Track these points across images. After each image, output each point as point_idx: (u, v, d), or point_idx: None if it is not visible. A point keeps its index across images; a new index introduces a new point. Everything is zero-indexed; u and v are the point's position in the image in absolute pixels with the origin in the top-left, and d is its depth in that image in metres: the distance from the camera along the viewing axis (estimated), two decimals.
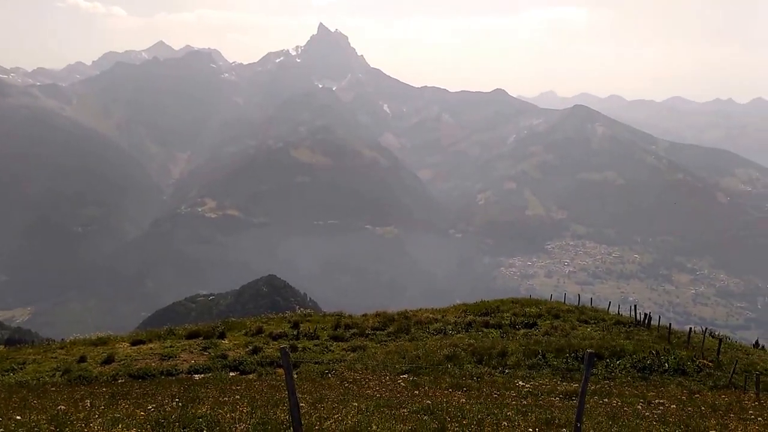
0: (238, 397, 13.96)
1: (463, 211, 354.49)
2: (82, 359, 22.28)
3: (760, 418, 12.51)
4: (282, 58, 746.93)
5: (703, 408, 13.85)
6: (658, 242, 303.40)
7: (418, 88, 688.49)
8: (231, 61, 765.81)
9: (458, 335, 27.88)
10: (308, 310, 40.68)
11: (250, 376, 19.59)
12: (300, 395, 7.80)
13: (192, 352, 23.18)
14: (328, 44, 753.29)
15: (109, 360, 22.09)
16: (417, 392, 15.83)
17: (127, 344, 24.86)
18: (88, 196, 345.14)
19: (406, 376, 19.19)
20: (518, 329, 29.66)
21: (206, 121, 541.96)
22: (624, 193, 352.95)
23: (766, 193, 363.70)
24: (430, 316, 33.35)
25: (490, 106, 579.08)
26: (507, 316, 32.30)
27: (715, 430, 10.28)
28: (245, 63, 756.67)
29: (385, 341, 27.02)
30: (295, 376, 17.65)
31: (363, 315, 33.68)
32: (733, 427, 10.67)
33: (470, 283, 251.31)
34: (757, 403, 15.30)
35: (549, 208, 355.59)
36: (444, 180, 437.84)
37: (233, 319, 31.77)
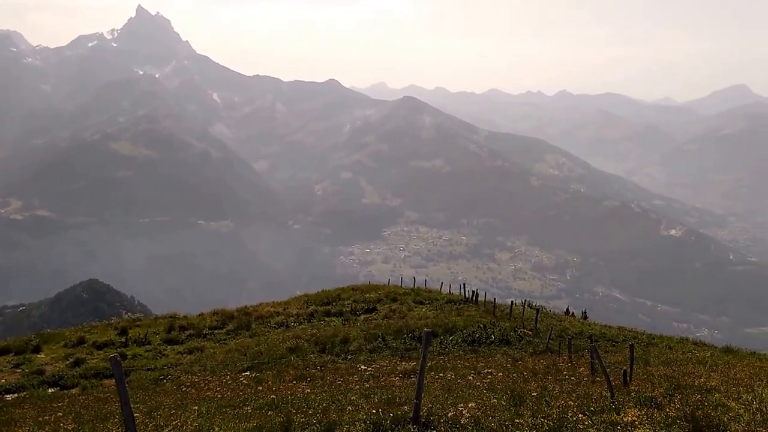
0: (61, 414, 12.78)
1: (302, 201, 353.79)
2: None
3: (572, 377, 14.04)
4: (95, 42, 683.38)
5: (525, 373, 15.21)
6: (481, 224, 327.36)
7: (250, 76, 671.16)
8: (35, 45, 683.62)
9: (301, 326, 27.84)
10: (137, 315, 38.09)
11: (73, 391, 17.80)
12: (132, 405, 7.19)
13: (2, 371, 20.54)
14: (149, 28, 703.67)
15: None
16: (260, 388, 15.49)
17: None
18: None
19: (248, 373, 18.70)
20: (359, 315, 30.34)
21: (7, 112, 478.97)
22: (451, 179, 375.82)
23: (571, 176, 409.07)
24: (272, 309, 32.92)
25: (324, 96, 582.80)
26: (348, 304, 32.91)
27: (536, 392, 11.29)
28: (52, 47, 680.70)
29: (225, 340, 26.21)
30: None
31: (199, 315, 32.29)
32: (551, 388, 11.81)
33: (311, 273, 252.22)
34: (570, 364, 17.12)
35: (384, 196, 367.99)
36: (281, 171, 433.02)
37: (50, 330, 28.61)
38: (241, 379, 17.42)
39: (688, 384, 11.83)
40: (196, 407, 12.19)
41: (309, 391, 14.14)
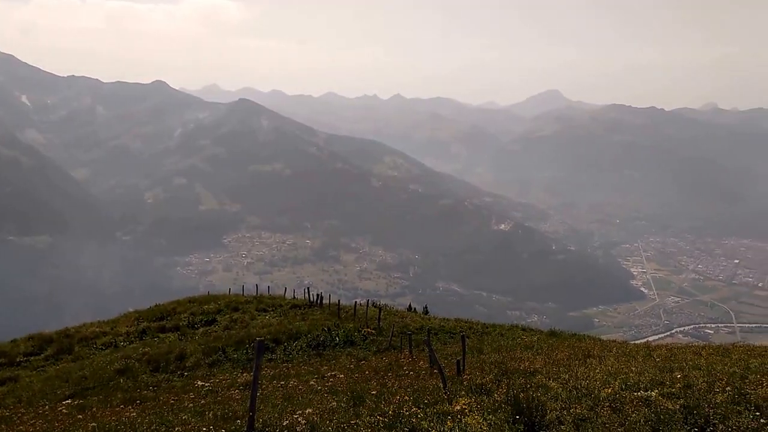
0: None
1: (130, 211, 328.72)
2: None
3: (411, 372, 14.47)
4: None
5: (367, 372, 15.39)
6: (325, 226, 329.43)
7: (64, 77, 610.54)
8: None
9: (132, 345, 26.19)
10: None
11: None
12: None
13: None
14: None
15: None
16: (81, 416, 14.11)
17: None
18: None
19: (70, 401, 17.07)
20: (197, 328, 29.12)
21: None
22: (292, 183, 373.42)
23: (409, 176, 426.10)
24: (98, 330, 30.47)
25: (151, 98, 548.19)
26: (184, 317, 31.42)
27: (375, 390, 11.42)
28: None
29: (44, 366, 23.86)
30: None
31: (11, 341, 29.07)
32: (390, 385, 12.03)
33: (145, 288, 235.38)
34: (411, 359, 17.67)
35: (223, 201, 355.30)
36: (105, 178, 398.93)
37: None
38: (60, 409, 15.91)
39: (515, 368, 12.68)
40: None
41: (135, 414, 13.08)
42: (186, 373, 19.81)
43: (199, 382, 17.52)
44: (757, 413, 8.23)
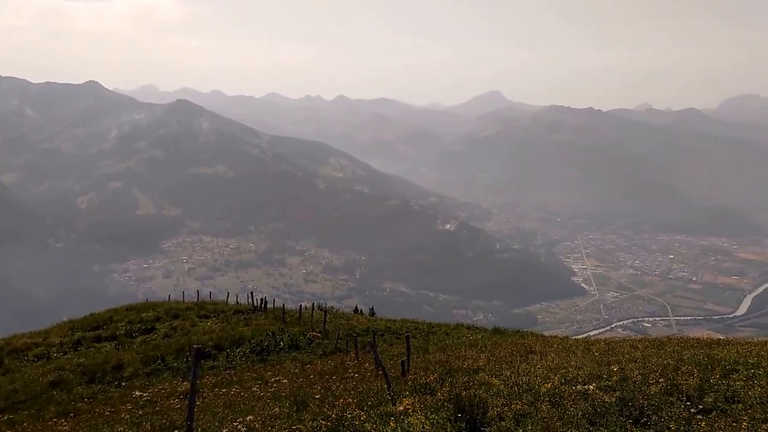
0: None
1: (63, 216, 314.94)
2: None
3: (357, 375, 14.39)
4: None
5: (312, 376, 15.22)
6: (270, 230, 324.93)
7: None
8: None
9: (66, 356, 25.20)
10: None
11: None
12: None
13: None
14: None
15: None
16: None
17: None
18: None
19: None
20: (135, 337, 28.31)
21: None
22: (235, 185, 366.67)
23: (354, 177, 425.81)
24: (29, 341, 29.15)
25: (83, 99, 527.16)
26: (122, 326, 30.46)
27: (319, 394, 11.29)
28: None
29: None
30: None
31: None
32: (335, 388, 11.93)
33: (79, 296, 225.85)
34: (357, 361, 17.58)
35: (161, 205, 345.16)
36: (35, 183, 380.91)
37: None
38: None
39: (459, 367, 12.78)
40: None
41: (68, 428, 12.54)
42: (123, 384, 19.26)
43: (137, 393, 16.97)
44: (688, 403, 8.56)
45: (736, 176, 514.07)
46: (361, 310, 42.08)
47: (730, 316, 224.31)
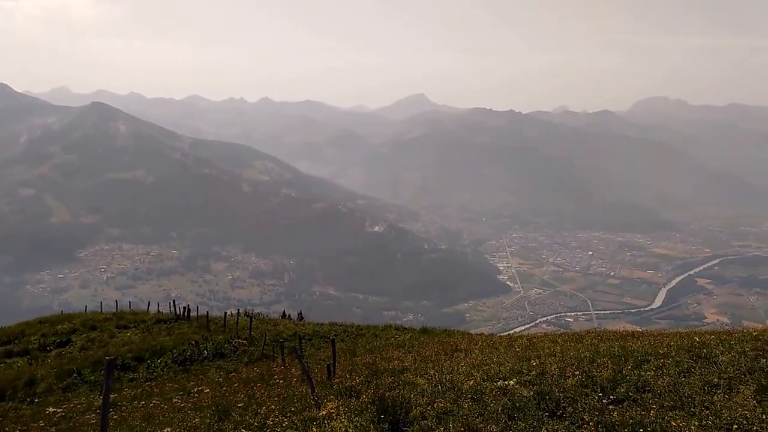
0: None
1: None
2: None
3: (282, 381, 14.18)
4: None
5: (236, 384, 14.87)
6: (193, 235, 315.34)
7: None
8: None
9: None
10: None
11: None
12: None
13: None
14: None
15: None
16: None
17: None
18: None
19: None
20: (50, 351, 27.00)
21: None
22: (156, 190, 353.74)
23: (280, 180, 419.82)
24: None
25: None
26: (35, 339, 28.96)
27: (242, 402, 11.06)
28: None
29: None
30: None
31: None
32: (259, 395, 11.70)
33: None
34: (283, 367, 17.31)
35: (77, 213, 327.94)
36: None
37: None
38: None
39: (386, 368, 12.83)
40: None
41: None
42: (37, 400, 18.31)
43: (51, 409, 16.13)
44: (602, 394, 8.96)
45: (648, 175, 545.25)
46: (289, 315, 41.54)
47: (647, 309, 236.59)
